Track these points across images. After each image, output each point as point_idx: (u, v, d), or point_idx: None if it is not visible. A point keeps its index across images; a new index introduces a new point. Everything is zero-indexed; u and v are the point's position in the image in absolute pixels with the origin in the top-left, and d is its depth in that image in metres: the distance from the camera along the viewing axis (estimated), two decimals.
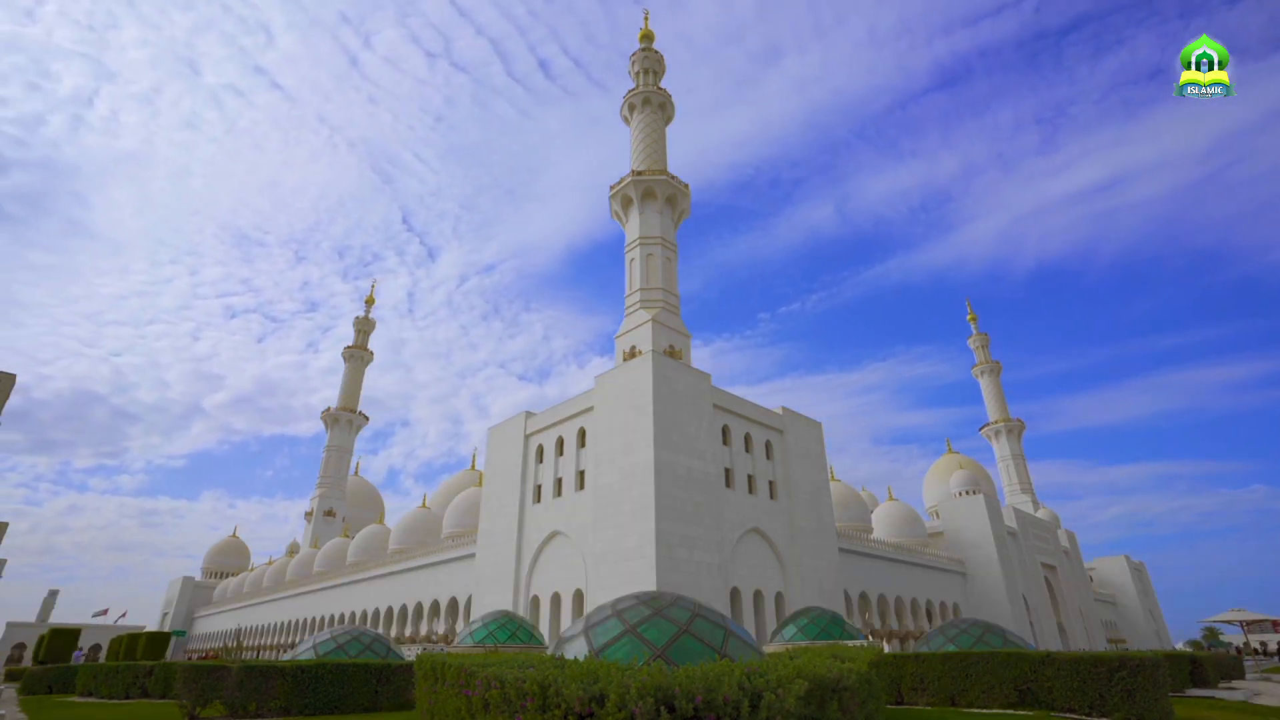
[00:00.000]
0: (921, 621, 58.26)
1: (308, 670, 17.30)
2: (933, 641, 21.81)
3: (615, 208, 54.15)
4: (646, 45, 61.57)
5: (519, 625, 29.03)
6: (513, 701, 6.79)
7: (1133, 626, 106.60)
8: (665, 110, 58.78)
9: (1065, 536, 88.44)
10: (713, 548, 35.22)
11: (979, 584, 64.38)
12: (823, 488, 46.75)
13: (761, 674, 6.55)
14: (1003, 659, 17.48)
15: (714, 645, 10.33)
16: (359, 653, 21.43)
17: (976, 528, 66.25)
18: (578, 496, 38.99)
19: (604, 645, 10.44)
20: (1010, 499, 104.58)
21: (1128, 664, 15.45)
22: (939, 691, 18.36)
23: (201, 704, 17.20)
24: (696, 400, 38.25)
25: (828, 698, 6.80)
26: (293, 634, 75.58)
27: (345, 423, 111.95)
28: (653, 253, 50.08)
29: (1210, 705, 19.82)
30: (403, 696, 18.65)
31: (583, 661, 7.56)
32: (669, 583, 31.66)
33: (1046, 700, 16.53)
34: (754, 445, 42.34)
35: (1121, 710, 15.18)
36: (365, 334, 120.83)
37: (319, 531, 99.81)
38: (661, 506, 33.06)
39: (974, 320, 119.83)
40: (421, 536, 63.43)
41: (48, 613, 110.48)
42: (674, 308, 49.24)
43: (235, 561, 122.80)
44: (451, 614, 51.33)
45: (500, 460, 46.64)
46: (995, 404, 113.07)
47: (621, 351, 46.83)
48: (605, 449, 37.14)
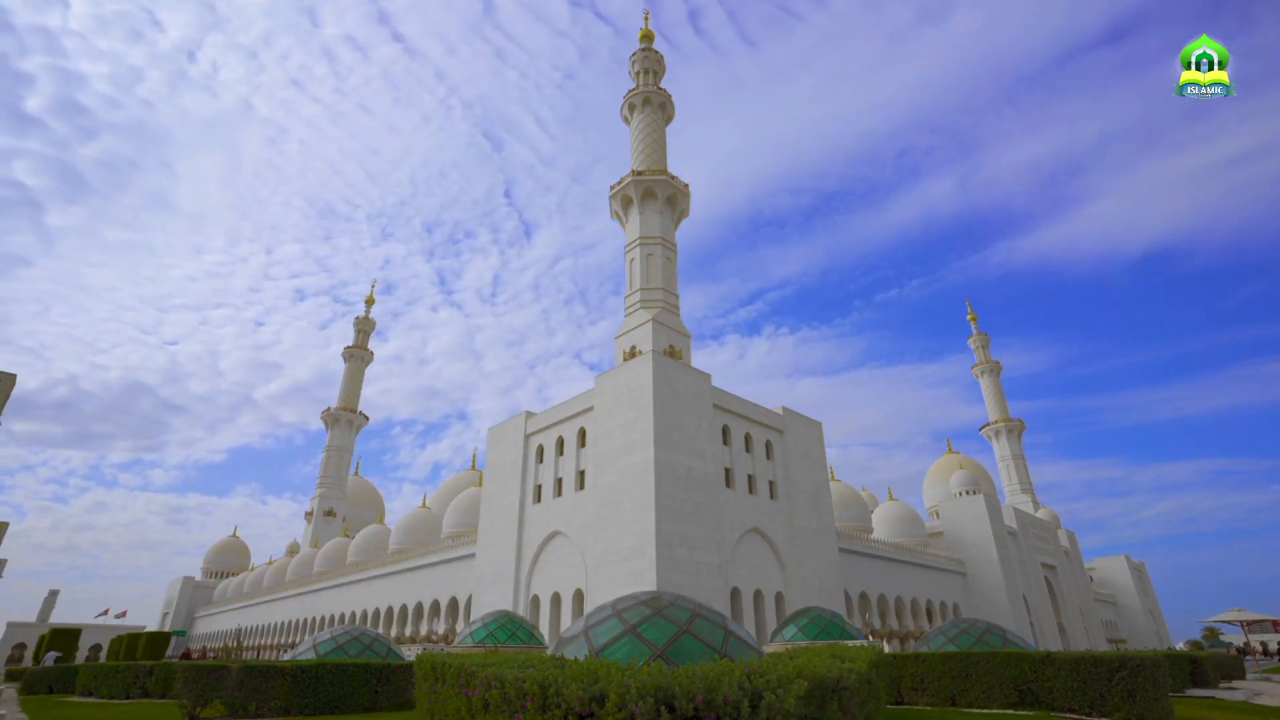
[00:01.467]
0: (921, 621, 58.26)
1: (308, 670, 17.31)
2: (933, 641, 21.81)
3: (615, 208, 54.14)
4: (646, 45, 61.54)
5: (519, 625, 29.03)
6: (513, 701, 6.79)
7: (1133, 626, 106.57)
8: (665, 110, 58.77)
9: (1065, 536, 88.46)
10: (713, 548, 35.21)
11: (979, 584, 64.40)
12: (823, 488, 46.76)
13: (761, 674, 6.55)
14: (1003, 659, 17.47)
15: (714, 645, 10.33)
16: (359, 653, 21.44)
17: (976, 528, 66.28)
18: (578, 496, 38.99)
19: (604, 645, 10.43)
20: (1010, 499, 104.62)
21: (1128, 664, 15.45)
22: (939, 691, 18.36)
23: (202, 704, 17.20)
24: (696, 400, 38.25)
25: (828, 697, 6.80)
26: (293, 634, 75.59)
27: (345, 423, 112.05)
28: (653, 253, 50.10)
29: (1210, 705, 19.83)
30: (403, 696, 18.66)
31: (583, 661, 7.56)
32: (669, 583, 31.65)
33: (1046, 700, 16.53)
34: (754, 445, 42.33)
35: (1122, 710, 15.18)
36: (365, 334, 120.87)
37: (319, 531, 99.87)
38: (661, 506, 33.06)
39: (974, 320, 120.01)
40: (422, 536, 63.46)
41: (48, 613, 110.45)
42: (674, 308, 49.27)
43: (235, 561, 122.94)
44: (451, 614, 51.34)
45: (500, 460, 46.64)
46: (995, 404, 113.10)
47: (621, 351, 46.85)
48: (605, 449, 37.14)
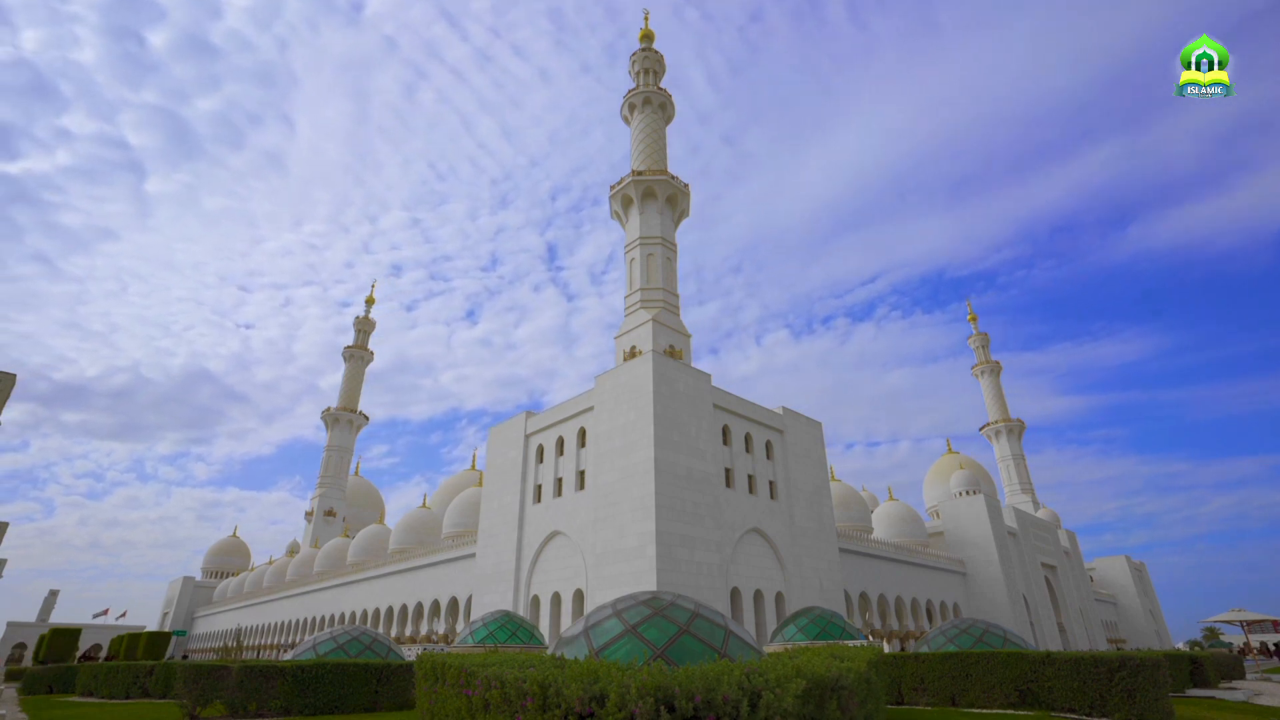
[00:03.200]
0: (921, 621, 58.25)
1: (308, 670, 17.31)
2: (933, 641, 21.79)
3: (615, 208, 54.14)
4: (646, 45, 61.55)
5: (519, 625, 29.01)
6: (513, 701, 6.79)
7: (1133, 626, 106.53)
8: (665, 110, 58.78)
9: (1065, 536, 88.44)
10: (713, 548, 35.21)
11: (979, 584, 64.39)
12: (823, 488, 46.76)
13: (761, 673, 6.55)
14: (1003, 659, 17.47)
15: (714, 645, 10.32)
16: (359, 653, 21.42)
17: (977, 528, 66.27)
18: (578, 496, 38.98)
19: (604, 645, 10.43)
20: (1010, 499, 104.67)
21: (1128, 664, 15.44)
22: (939, 691, 18.36)
23: (202, 704, 17.20)
24: (697, 400, 38.24)
25: (827, 697, 6.80)
26: (293, 634, 75.58)
27: (345, 423, 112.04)
28: (653, 253, 50.12)
29: (1210, 705, 19.82)
30: (403, 696, 18.66)
31: (583, 661, 7.55)
32: (669, 583, 31.65)
33: (1047, 700, 16.52)
34: (754, 445, 42.33)
35: (1122, 710, 15.17)
36: (366, 334, 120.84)
37: (319, 531, 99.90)
38: (661, 506, 33.06)
39: (974, 320, 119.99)
40: (422, 536, 63.45)
41: (48, 612, 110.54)
42: (674, 308, 49.29)
43: (235, 561, 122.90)
44: (451, 614, 51.33)
45: (500, 460, 46.64)
46: (995, 404, 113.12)
47: (622, 351, 46.86)
48: (605, 449, 37.14)
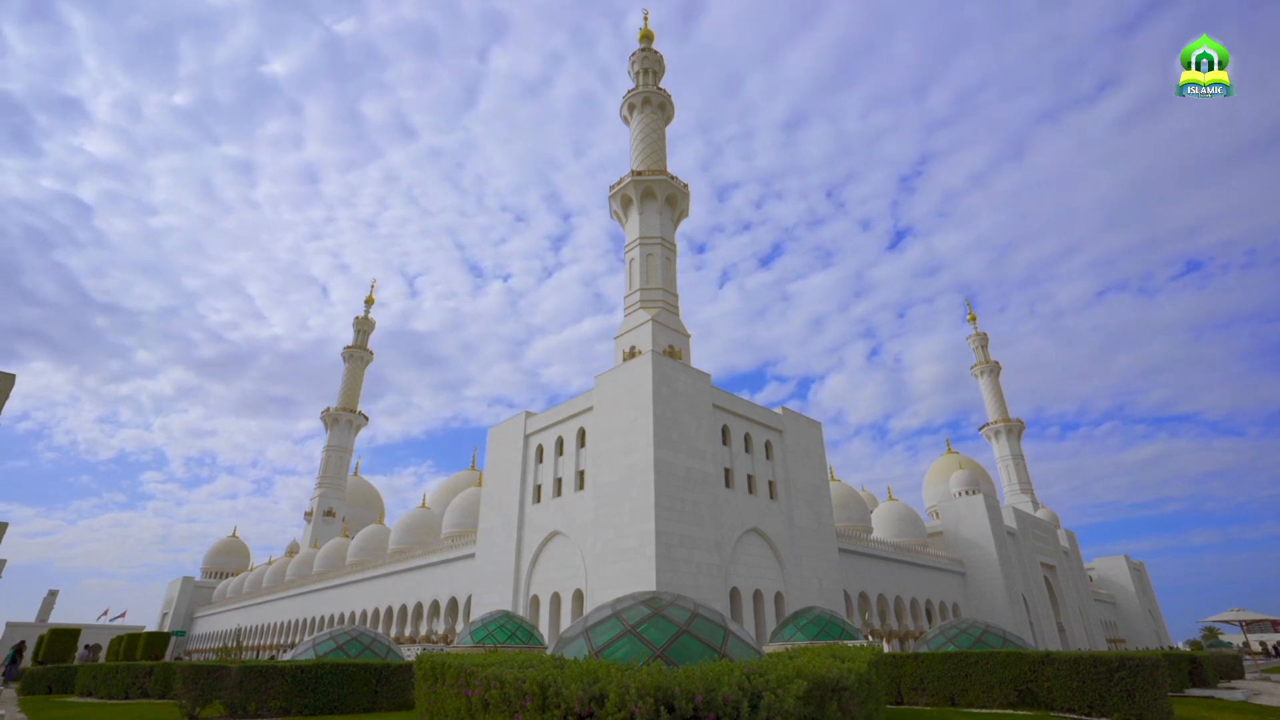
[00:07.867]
0: (921, 621, 58.28)
1: (308, 670, 17.29)
2: (932, 641, 21.80)
3: (615, 208, 54.16)
4: (646, 45, 61.53)
5: (519, 625, 28.99)
6: (512, 701, 6.79)
7: (1132, 626, 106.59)
8: (665, 110, 58.78)
9: (1065, 536, 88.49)
10: (712, 548, 35.22)
11: (979, 584, 64.43)
12: (822, 488, 46.77)
13: (761, 674, 6.55)
14: (1002, 659, 17.47)
15: (714, 645, 10.32)
16: (359, 653, 21.40)
17: (976, 528, 66.32)
18: (577, 496, 38.98)
19: (604, 645, 10.43)
20: (1010, 499, 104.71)
21: (1127, 664, 15.45)
22: (939, 691, 18.36)
23: (201, 704, 17.19)
24: (696, 400, 38.25)
25: (827, 697, 6.80)
26: (293, 634, 75.57)
27: (345, 423, 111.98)
28: (653, 253, 50.13)
29: (1210, 705, 19.83)
30: (403, 696, 18.64)
31: (582, 661, 7.55)
32: (669, 583, 31.66)
33: (1046, 700, 16.53)
34: (754, 445, 42.34)
35: (1121, 710, 15.18)
36: (365, 334, 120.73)
37: (319, 531, 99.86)
38: (661, 506, 33.06)
39: (973, 320, 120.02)
40: (421, 536, 63.45)
41: (47, 612, 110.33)
42: (674, 308, 49.30)
43: (235, 561, 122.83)
44: (451, 614, 51.33)
45: (500, 460, 46.64)
46: (995, 404, 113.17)
47: (621, 351, 46.87)
48: (605, 449, 37.14)
